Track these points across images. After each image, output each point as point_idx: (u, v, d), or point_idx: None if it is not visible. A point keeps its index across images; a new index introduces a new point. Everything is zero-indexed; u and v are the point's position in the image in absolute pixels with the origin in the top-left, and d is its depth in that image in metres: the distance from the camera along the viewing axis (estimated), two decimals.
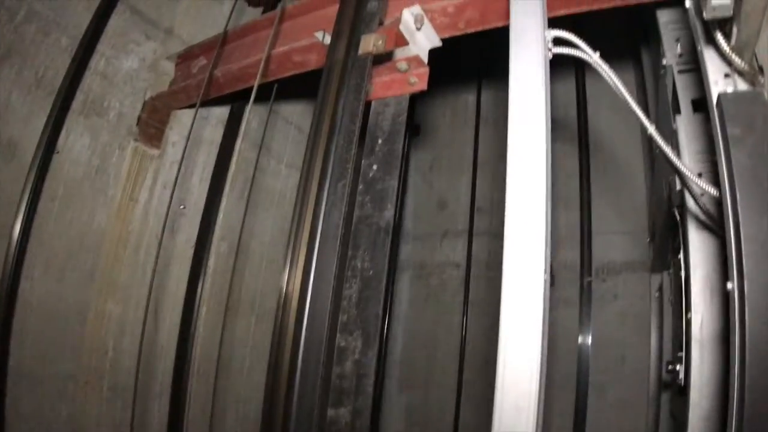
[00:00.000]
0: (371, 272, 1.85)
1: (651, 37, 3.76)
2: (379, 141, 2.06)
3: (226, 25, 3.41)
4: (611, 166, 5.03)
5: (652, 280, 4.30)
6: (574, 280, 4.46)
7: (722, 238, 2.04)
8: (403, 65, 2.15)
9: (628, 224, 4.83)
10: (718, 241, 2.11)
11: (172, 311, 3.61)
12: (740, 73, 1.46)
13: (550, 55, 1.61)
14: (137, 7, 3.50)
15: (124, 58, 3.44)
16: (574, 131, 4.85)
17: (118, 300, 3.35)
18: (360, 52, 2.05)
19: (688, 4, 1.56)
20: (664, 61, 2.42)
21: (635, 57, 4.70)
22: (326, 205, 1.83)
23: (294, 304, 1.73)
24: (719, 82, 1.50)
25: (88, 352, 3.18)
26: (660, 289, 3.89)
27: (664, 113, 2.54)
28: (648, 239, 4.48)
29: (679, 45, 2.39)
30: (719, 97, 1.38)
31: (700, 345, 2.05)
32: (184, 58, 3.67)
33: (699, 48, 1.54)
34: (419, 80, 2.14)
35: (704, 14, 1.32)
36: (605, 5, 2.19)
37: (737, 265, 1.26)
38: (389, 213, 1.93)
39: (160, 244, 3.17)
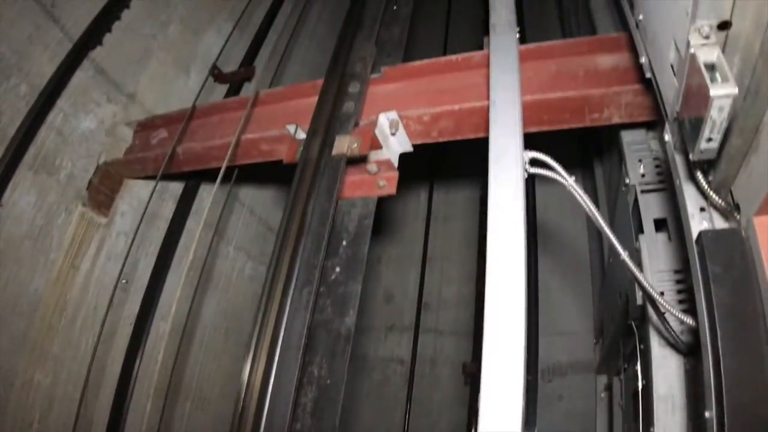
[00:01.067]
0: (329, 381, 1.79)
1: (604, 146, 3.87)
2: (344, 242, 2.02)
3: (195, 101, 3.36)
4: (558, 268, 5.10)
5: (597, 380, 4.28)
6: None
7: (686, 355, 2.07)
8: (373, 167, 2.14)
9: (574, 325, 4.85)
10: (681, 359, 2.12)
11: (107, 389, 3.37)
12: (715, 208, 1.48)
13: (526, 175, 1.62)
14: (103, 66, 3.40)
15: (83, 118, 3.30)
16: None
17: (48, 371, 3.11)
18: (334, 152, 2.04)
19: (667, 137, 1.60)
20: (627, 180, 2.46)
21: (583, 160, 4.83)
22: (289, 311, 1.76)
23: (251, 414, 1.64)
24: (695, 215, 1.52)
25: (12, 420, 2.93)
26: (608, 389, 3.87)
27: (623, 228, 2.58)
28: (594, 341, 4.50)
29: (642, 165, 2.45)
30: (700, 234, 1.40)
31: None
32: (144, 127, 3.58)
33: (678, 183, 1.57)
34: (388, 184, 2.13)
35: (690, 156, 1.35)
36: (575, 125, 2.24)
37: (716, 395, 1.26)
38: (350, 320, 1.87)
39: (104, 321, 3.04)
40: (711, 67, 1.22)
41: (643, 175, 2.45)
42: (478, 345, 1.33)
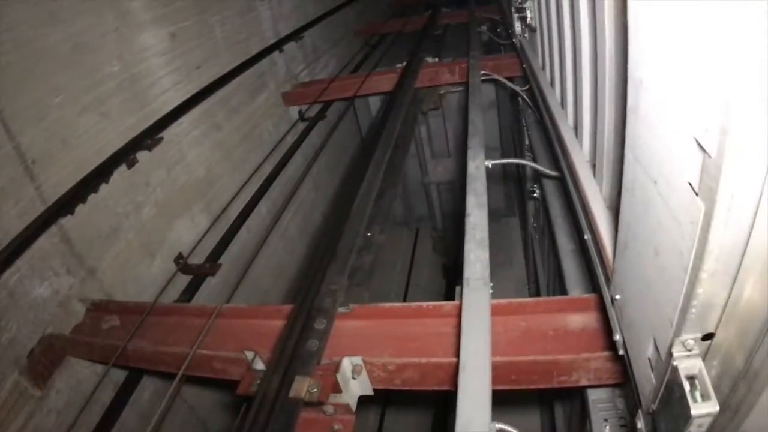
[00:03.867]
0: None
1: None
2: None
3: (156, 298, 3.27)
4: None
5: None
6: None
7: None
8: (329, 409, 2.03)
9: None
10: None
11: None
12: None
13: None
14: (69, 235, 3.34)
15: (38, 284, 3.17)
16: None
17: None
18: (291, 394, 1.93)
19: (639, 425, 1.54)
20: None
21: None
22: None
23: None
24: None
25: None
26: None
27: None
28: None
29: (607, 426, 2.36)
30: None
31: None
32: (98, 308, 3.45)
33: None
34: (343, 428, 2.01)
35: None
36: (542, 386, 2.19)
37: None
38: None
39: None
40: (691, 378, 1.19)
41: None
42: None
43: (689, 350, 1.21)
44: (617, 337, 1.77)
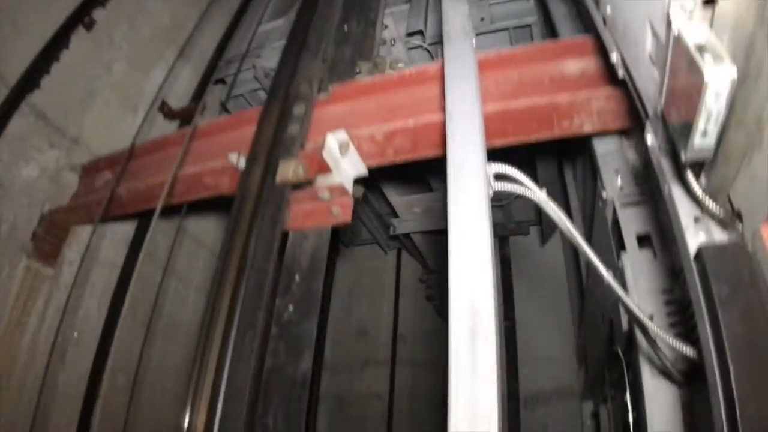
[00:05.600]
0: None
1: (574, 150, 3.67)
2: (297, 278, 1.80)
3: (135, 139, 3.16)
4: (535, 289, 4.92)
5: (583, 406, 4.04)
6: None
7: (682, 386, 1.86)
8: (325, 194, 1.93)
9: (556, 350, 4.65)
10: (676, 390, 1.90)
11: None
12: (712, 217, 1.26)
13: (491, 192, 1.40)
14: (43, 111, 3.21)
15: (24, 166, 3.10)
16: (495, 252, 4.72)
17: None
18: (277, 179, 1.82)
19: (649, 140, 1.39)
20: (604, 195, 2.26)
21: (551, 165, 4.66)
22: (231, 362, 1.51)
23: None
24: (690, 227, 1.27)
25: None
26: (595, 416, 3.63)
27: (602, 247, 2.37)
28: (577, 366, 4.28)
29: (618, 177, 2.25)
30: (701, 251, 1.16)
31: None
32: (89, 170, 3.37)
33: (667, 190, 1.34)
34: (343, 211, 1.92)
35: (682, 156, 1.12)
36: (543, 136, 2.05)
37: None
38: (306, 364, 1.65)
39: (44, 379, 2.80)
40: (700, 49, 1.02)
41: (621, 188, 2.25)
42: None
43: (690, 13, 1.04)
44: (614, 56, 1.61)
